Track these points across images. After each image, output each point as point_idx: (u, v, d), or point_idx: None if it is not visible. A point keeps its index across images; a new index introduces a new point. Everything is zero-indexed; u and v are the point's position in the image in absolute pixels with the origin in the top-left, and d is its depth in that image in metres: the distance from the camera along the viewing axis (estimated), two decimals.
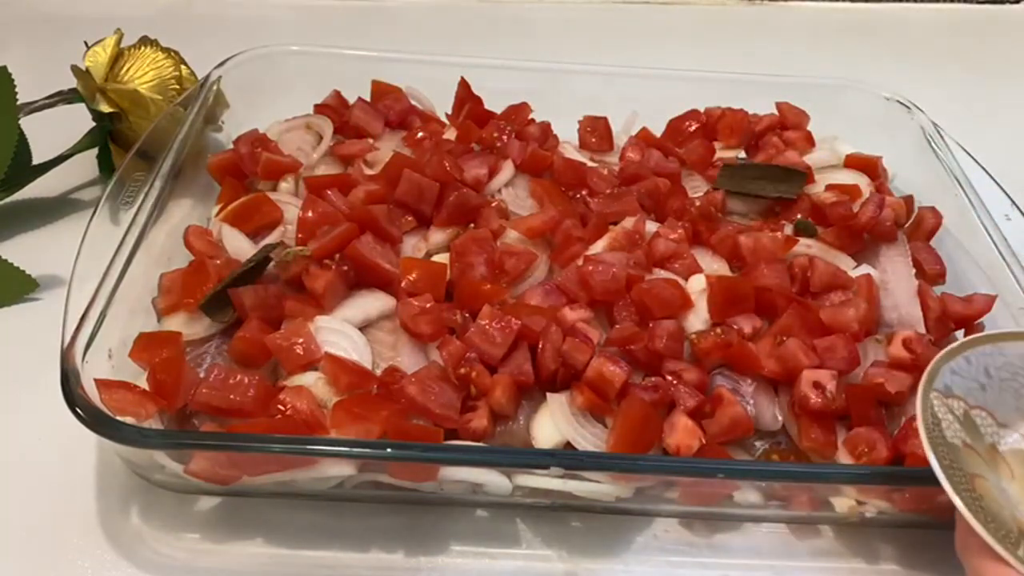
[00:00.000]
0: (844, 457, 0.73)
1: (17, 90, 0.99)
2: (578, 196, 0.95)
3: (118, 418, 0.66)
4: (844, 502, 0.71)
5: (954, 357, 0.66)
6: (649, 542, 0.74)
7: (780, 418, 0.77)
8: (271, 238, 0.89)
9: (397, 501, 0.74)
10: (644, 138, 1.06)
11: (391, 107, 1.06)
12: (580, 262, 0.82)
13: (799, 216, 0.94)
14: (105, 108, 1.04)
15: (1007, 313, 0.85)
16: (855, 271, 0.88)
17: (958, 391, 0.65)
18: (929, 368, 0.65)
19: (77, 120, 1.07)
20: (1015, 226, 0.92)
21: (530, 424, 0.74)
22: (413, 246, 0.89)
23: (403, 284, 0.81)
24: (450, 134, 1.03)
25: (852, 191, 0.96)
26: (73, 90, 1.06)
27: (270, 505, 0.73)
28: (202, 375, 0.73)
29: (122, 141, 1.08)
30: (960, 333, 0.85)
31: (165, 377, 0.71)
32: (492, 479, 0.69)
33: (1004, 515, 0.59)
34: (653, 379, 0.76)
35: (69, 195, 1.09)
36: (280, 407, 0.70)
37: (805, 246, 0.90)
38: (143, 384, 0.72)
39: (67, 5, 1.53)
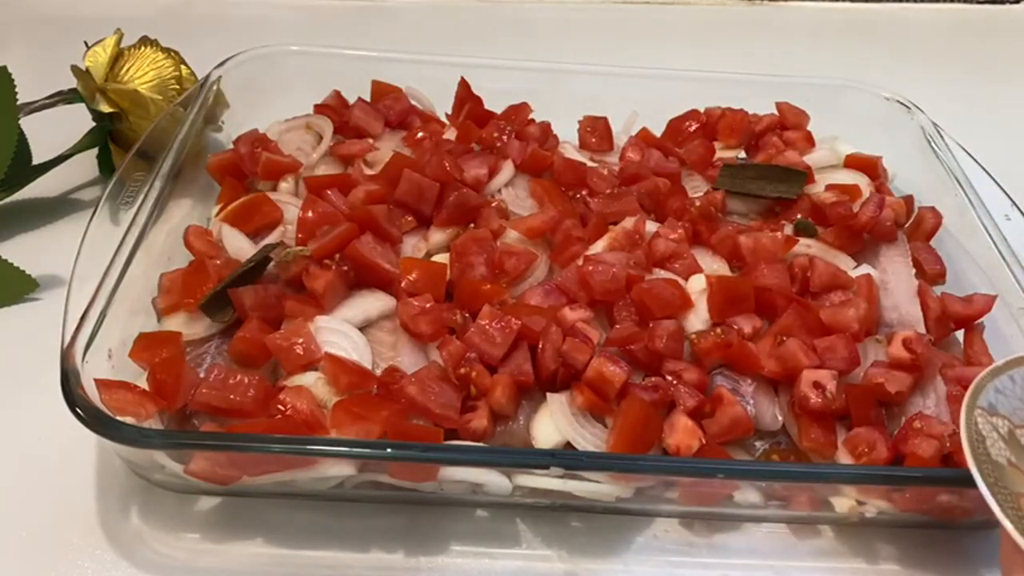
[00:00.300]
0: (844, 457, 0.73)
1: (17, 90, 0.99)
2: (578, 196, 0.95)
3: (118, 418, 0.66)
4: (844, 502, 0.71)
5: (998, 376, 0.66)
6: (649, 542, 0.74)
7: (780, 418, 0.77)
8: (271, 238, 0.89)
9: (397, 501, 0.74)
10: (644, 138, 1.06)
11: (391, 107, 1.06)
12: (580, 262, 0.82)
13: (799, 216, 0.94)
14: (105, 108, 1.04)
15: (1007, 313, 0.85)
16: (855, 271, 0.88)
17: (1003, 410, 0.64)
18: (973, 385, 0.64)
19: (77, 120, 1.07)
20: (1015, 226, 0.92)
21: (530, 424, 0.74)
22: (413, 246, 0.89)
23: (403, 284, 0.81)
24: (450, 134, 1.03)
25: (852, 191, 0.96)
26: (73, 90, 1.06)
27: (270, 505, 0.73)
28: (202, 375, 0.74)
29: (122, 141, 1.08)
30: (960, 333, 0.85)
31: (165, 377, 0.71)
32: (492, 479, 0.69)
33: None
34: (653, 379, 0.76)
35: (69, 195, 1.09)
36: (280, 407, 0.70)
37: (805, 246, 0.90)
38: (143, 384, 0.72)
39: (67, 5, 1.53)
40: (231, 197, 0.93)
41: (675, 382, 0.75)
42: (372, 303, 0.81)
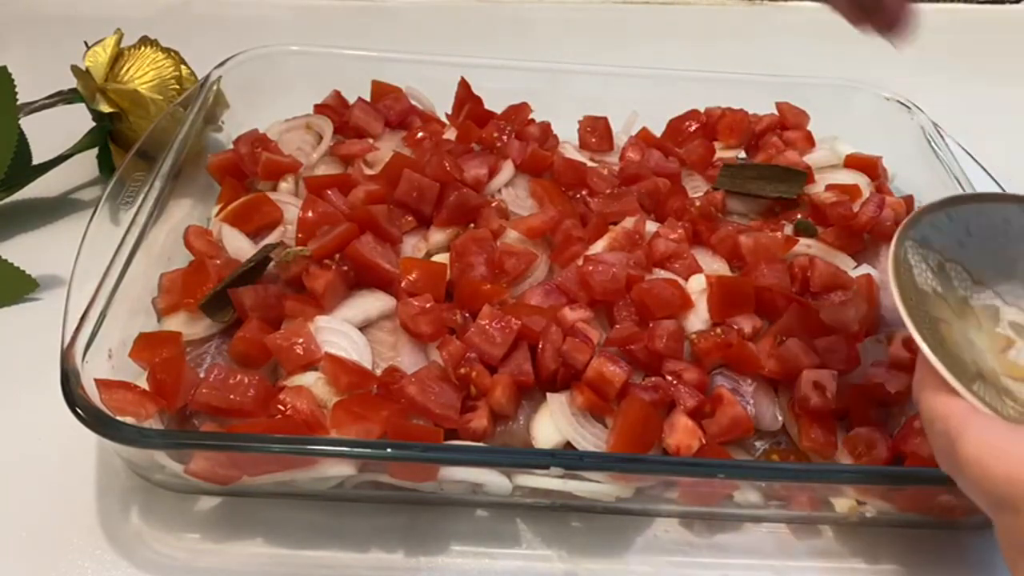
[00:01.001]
0: (844, 457, 0.73)
1: (17, 90, 0.99)
2: (578, 196, 0.95)
3: (118, 418, 0.65)
4: (844, 502, 0.71)
5: (935, 212, 0.66)
6: (649, 542, 0.74)
7: (780, 418, 0.77)
8: (271, 238, 0.89)
9: (397, 501, 0.74)
10: (644, 138, 1.06)
11: (391, 107, 1.06)
12: (580, 262, 0.82)
13: (799, 216, 0.94)
14: (105, 108, 1.04)
15: None
16: (855, 271, 0.88)
17: (936, 244, 0.64)
18: (909, 217, 0.65)
19: (77, 120, 1.07)
20: None
21: (530, 424, 0.74)
22: (413, 246, 0.89)
23: (403, 284, 0.81)
24: (450, 134, 1.03)
25: (852, 191, 0.96)
26: (73, 90, 1.06)
27: (270, 505, 0.73)
28: (202, 375, 0.73)
29: (122, 141, 1.08)
30: None
31: (165, 377, 0.71)
32: (492, 479, 0.69)
33: (964, 358, 0.59)
34: (653, 379, 0.76)
35: (69, 195, 1.09)
36: (280, 407, 0.70)
37: (805, 246, 0.90)
38: (143, 384, 0.72)
39: (67, 5, 1.53)
40: (231, 197, 0.93)
41: (675, 382, 0.75)
42: (372, 303, 0.81)
